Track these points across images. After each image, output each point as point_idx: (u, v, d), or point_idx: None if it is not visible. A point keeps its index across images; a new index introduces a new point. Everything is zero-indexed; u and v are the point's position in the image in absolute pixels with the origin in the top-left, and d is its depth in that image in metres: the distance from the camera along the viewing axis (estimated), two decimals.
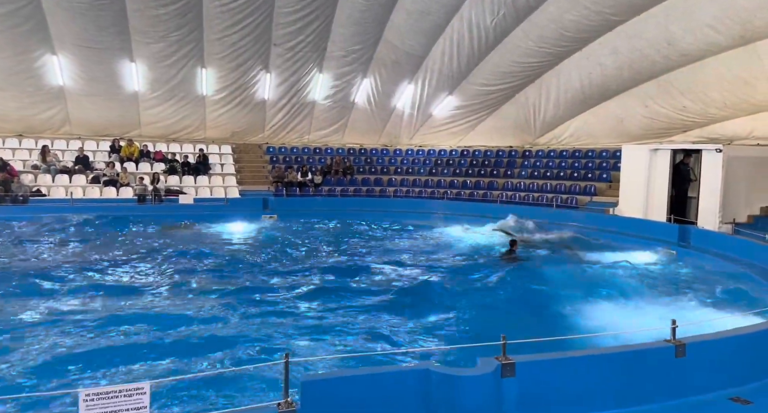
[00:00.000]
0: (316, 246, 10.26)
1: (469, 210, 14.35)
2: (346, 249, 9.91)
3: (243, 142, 17.99)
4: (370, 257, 9.11)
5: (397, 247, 10.35)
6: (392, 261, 8.71)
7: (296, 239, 11.12)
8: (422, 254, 9.66)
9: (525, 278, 7.53)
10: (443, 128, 18.22)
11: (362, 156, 18.78)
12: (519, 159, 17.35)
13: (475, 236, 11.64)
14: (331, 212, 14.44)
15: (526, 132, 17.32)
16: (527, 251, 9.27)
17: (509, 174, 16.79)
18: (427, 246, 10.62)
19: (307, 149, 18.66)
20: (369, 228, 12.99)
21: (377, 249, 9.96)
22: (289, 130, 18.14)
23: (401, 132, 18.74)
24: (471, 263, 8.68)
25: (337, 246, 10.18)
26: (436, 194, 16.41)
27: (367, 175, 17.71)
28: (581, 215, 12.71)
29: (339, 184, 16.78)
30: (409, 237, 11.88)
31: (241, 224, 12.97)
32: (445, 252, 9.74)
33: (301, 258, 9.11)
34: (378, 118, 18.09)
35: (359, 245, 10.58)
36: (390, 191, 16.72)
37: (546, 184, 15.54)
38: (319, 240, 11.00)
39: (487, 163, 17.59)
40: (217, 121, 16.97)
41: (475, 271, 8.06)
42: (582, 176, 15.36)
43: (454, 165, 17.97)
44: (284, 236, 11.58)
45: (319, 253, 9.39)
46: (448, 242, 11.01)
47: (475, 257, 9.23)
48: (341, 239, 11.25)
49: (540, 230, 11.54)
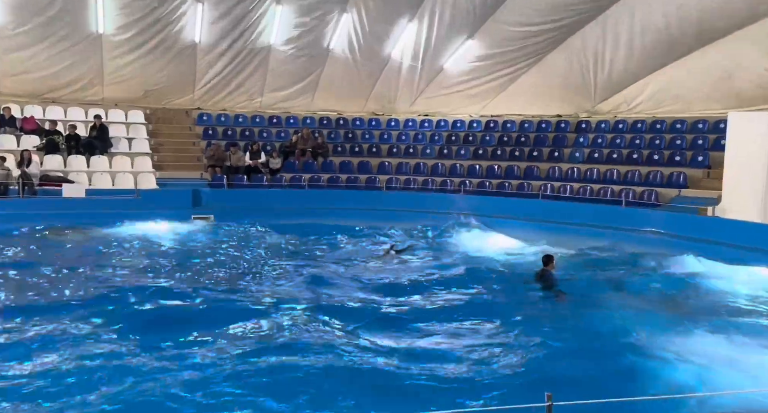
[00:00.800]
0: (271, 268, 10.14)
1: (495, 208, 14.44)
2: (318, 273, 9.81)
3: (162, 106, 17.87)
4: (356, 285, 9.13)
5: (390, 266, 10.49)
6: (391, 287, 8.89)
7: (241, 253, 11.05)
8: (432, 273, 9.85)
9: (571, 309, 7.73)
10: (460, 88, 18.16)
11: (341, 129, 18.84)
12: (571, 134, 17.28)
13: (506, 246, 11.90)
14: (296, 211, 14.50)
15: (581, 95, 17.16)
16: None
17: (557, 157, 16.66)
18: (437, 263, 10.79)
19: (259, 117, 18.73)
20: (350, 238, 13.04)
21: (362, 273, 9.94)
22: (231, 89, 18.00)
23: (398, 94, 18.69)
24: (492, 287, 8.97)
25: (301, 269, 10.01)
26: (450, 185, 16.43)
27: (348, 157, 17.68)
28: (663, 218, 12.72)
29: (307, 170, 16.75)
30: (410, 251, 12.04)
31: (158, 229, 12.99)
32: (463, 270, 9.95)
33: (248, 290, 8.85)
34: (364, 73, 17.94)
35: (337, 262, 10.60)
36: (382, 181, 16.60)
37: (611, 171, 15.37)
38: (276, 257, 10.93)
39: (525, 140, 17.59)
40: (122, 74, 16.67)
41: (499, 296, 8.40)
42: (666, 160, 15.19)
43: (475, 143, 18.03)
44: (223, 249, 11.51)
45: (279, 283, 9.24)
46: (466, 257, 11.18)
47: (498, 278, 9.51)
48: (310, 254, 11.29)
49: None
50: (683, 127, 16.02)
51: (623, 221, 12.94)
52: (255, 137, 17.92)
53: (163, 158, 16.67)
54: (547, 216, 13.74)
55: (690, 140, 15.45)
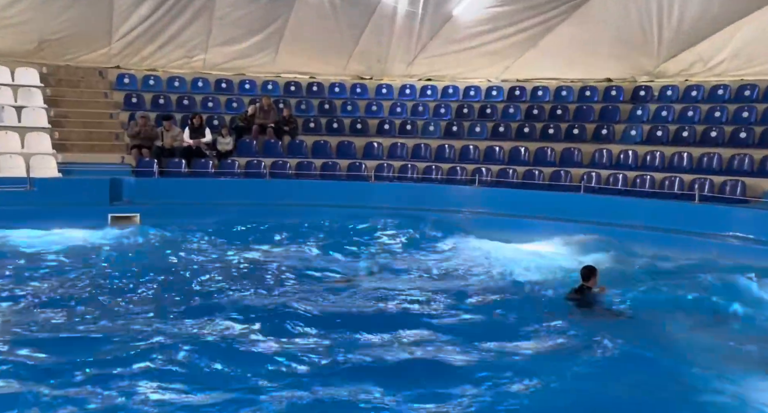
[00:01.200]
0: (222, 298, 9.72)
1: (521, 205, 14.61)
2: (286, 294, 9.84)
3: (65, 63, 17.54)
4: (337, 310, 9.13)
5: (386, 284, 10.49)
6: (385, 316, 8.98)
7: (176, 276, 10.69)
8: (436, 290, 10.11)
9: (615, 341, 7.75)
10: (474, 43, 17.90)
11: (314, 98, 18.86)
12: (626, 105, 17.28)
13: (532, 258, 12.03)
14: (254, 208, 14.66)
15: (640, 51, 17.02)
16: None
17: (605, 135, 16.63)
18: (445, 277, 11.05)
19: (202, 81, 18.64)
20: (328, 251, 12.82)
21: (335, 302, 9.73)
22: (163, 42, 17.72)
23: (391, 52, 18.54)
24: (509, 309, 9.13)
25: (262, 300, 9.67)
26: (461, 173, 16.34)
27: (324, 135, 17.69)
28: (752, 218, 12.66)
29: (268, 152, 16.68)
30: (409, 260, 12.22)
31: (61, 234, 12.77)
32: (476, 287, 10.21)
33: (179, 325, 8.42)
34: (345, 22, 17.74)
35: (311, 290, 10.34)
36: (369, 168, 16.53)
37: (680, 155, 15.24)
38: (228, 280, 10.62)
39: (562, 113, 17.60)
40: (5, 17, 16.08)
41: (521, 322, 8.57)
42: (757, 139, 15.03)
43: (495, 117, 18.02)
44: (151, 268, 11.06)
45: (236, 310, 8.94)
46: (481, 269, 11.37)
47: (519, 297, 9.74)
48: (275, 276, 11.11)
49: None
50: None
51: (696, 223, 12.91)
52: (196, 108, 17.62)
53: (67, 134, 16.14)
54: (590, 215, 13.76)
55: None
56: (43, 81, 16.81)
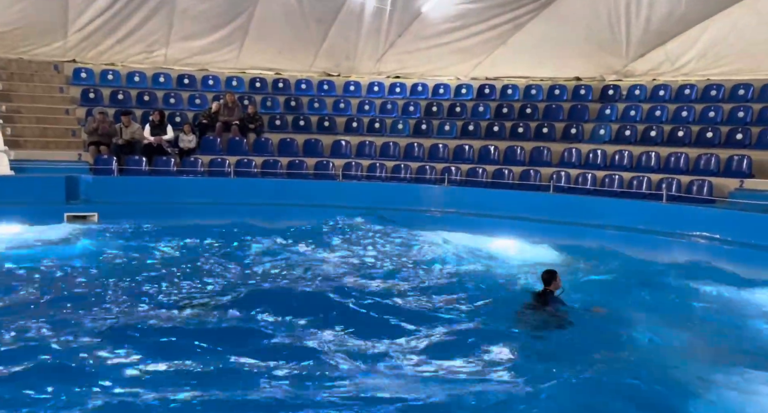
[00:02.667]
0: (182, 306, 9.27)
1: (489, 204, 14.69)
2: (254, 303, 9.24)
3: (17, 57, 17.42)
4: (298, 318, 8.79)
5: (351, 283, 10.37)
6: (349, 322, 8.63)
7: (134, 277, 10.37)
8: (391, 288, 10.04)
9: (578, 346, 7.67)
10: (444, 39, 18.04)
11: (279, 95, 18.89)
12: (594, 104, 17.45)
13: (498, 258, 12.06)
14: (218, 208, 14.55)
15: (609, 50, 17.18)
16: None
17: (574, 134, 16.78)
18: (407, 277, 10.86)
19: (163, 76, 18.57)
20: (292, 246, 12.78)
21: (310, 295, 9.62)
22: (122, 36, 17.64)
23: (359, 48, 18.68)
24: (470, 314, 8.94)
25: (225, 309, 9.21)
26: (430, 172, 16.41)
27: (290, 133, 17.66)
28: (719, 218, 12.73)
29: (233, 151, 16.67)
30: (378, 254, 12.16)
31: (9, 236, 12.59)
32: (431, 291, 10.05)
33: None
34: (312, 17, 17.77)
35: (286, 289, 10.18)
36: (337, 166, 16.54)
37: (648, 154, 15.39)
38: (189, 280, 10.47)
39: (531, 112, 17.77)
40: None
41: (480, 328, 8.35)
42: (723, 139, 15.22)
43: (464, 115, 18.16)
44: (109, 270, 10.86)
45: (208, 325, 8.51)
46: (444, 269, 11.34)
47: (479, 301, 9.51)
48: (237, 278, 10.83)
49: None
50: (749, 93, 15.90)
51: (663, 223, 12.93)
52: (158, 104, 17.54)
53: (20, 131, 16.00)
54: (558, 215, 13.81)
55: (757, 111, 15.36)
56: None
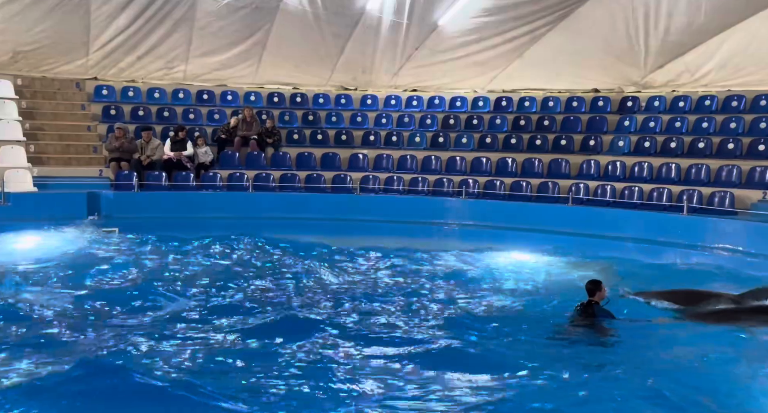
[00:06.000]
0: (204, 323, 9.09)
1: (507, 216, 14.66)
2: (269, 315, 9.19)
3: (41, 75, 17.56)
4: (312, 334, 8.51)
5: (368, 307, 9.92)
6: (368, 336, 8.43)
7: (156, 289, 10.23)
8: (420, 303, 9.83)
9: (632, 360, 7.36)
10: (460, 53, 18.02)
11: (297, 109, 18.90)
12: (613, 116, 17.42)
13: (525, 272, 11.73)
14: (236, 222, 14.41)
15: (627, 62, 17.13)
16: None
17: (593, 147, 16.76)
18: (432, 290, 10.67)
19: (183, 92, 18.68)
20: (310, 261, 12.47)
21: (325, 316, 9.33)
22: (143, 53, 17.71)
23: (376, 62, 18.68)
24: (503, 333, 8.54)
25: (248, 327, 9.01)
26: (447, 185, 16.40)
27: (308, 147, 17.78)
28: (741, 229, 12.62)
29: (251, 165, 16.78)
30: (393, 275, 11.78)
31: (37, 245, 12.52)
32: (456, 310, 9.75)
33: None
34: (329, 32, 17.79)
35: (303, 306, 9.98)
36: (354, 180, 16.60)
37: (668, 166, 15.31)
38: (210, 295, 10.27)
39: (549, 124, 17.76)
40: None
41: (517, 347, 7.98)
42: (745, 150, 15.12)
43: (481, 128, 18.17)
44: (128, 282, 10.73)
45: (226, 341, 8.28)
46: (469, 288, 10.95)
47: (512, 318, 9.23)
48: (257, 296, 10.53)
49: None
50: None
51: (684, 234, 12.89)
52: (177, 120, 17.61)
53: (43, 148, 16.16)
54: (578, 227, 13.80)
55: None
56: (17, 93, 16.74)
